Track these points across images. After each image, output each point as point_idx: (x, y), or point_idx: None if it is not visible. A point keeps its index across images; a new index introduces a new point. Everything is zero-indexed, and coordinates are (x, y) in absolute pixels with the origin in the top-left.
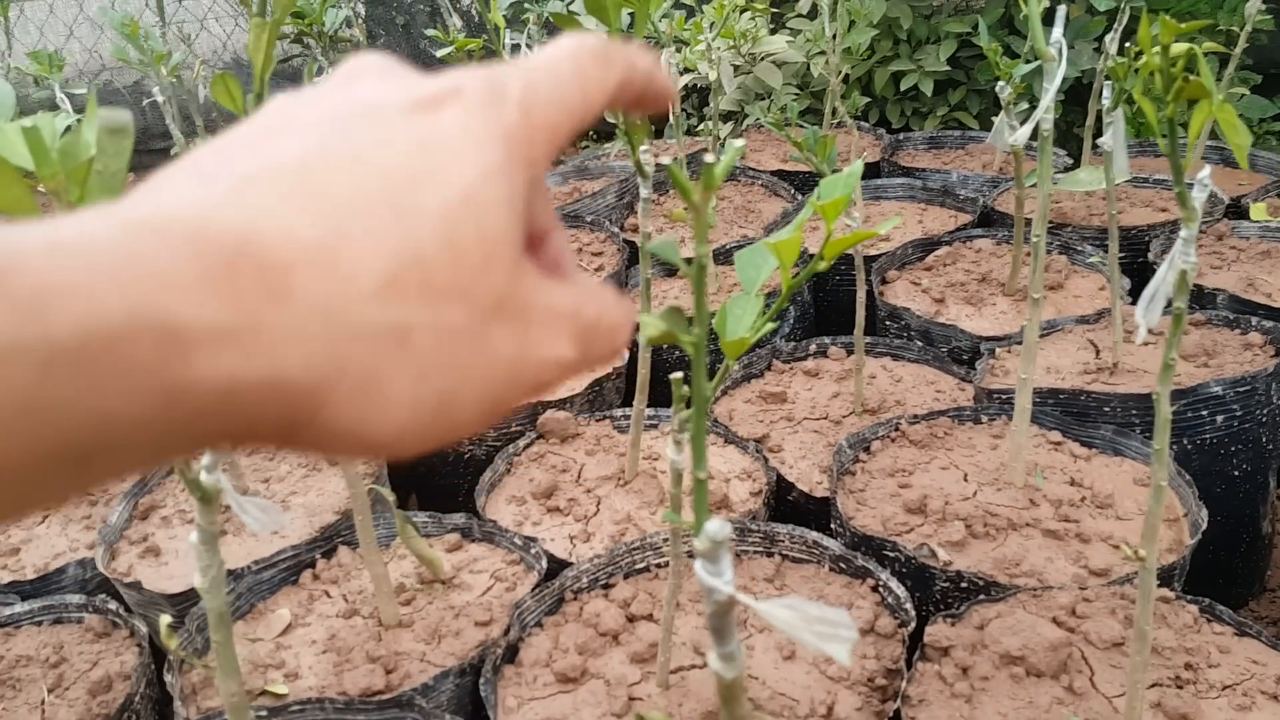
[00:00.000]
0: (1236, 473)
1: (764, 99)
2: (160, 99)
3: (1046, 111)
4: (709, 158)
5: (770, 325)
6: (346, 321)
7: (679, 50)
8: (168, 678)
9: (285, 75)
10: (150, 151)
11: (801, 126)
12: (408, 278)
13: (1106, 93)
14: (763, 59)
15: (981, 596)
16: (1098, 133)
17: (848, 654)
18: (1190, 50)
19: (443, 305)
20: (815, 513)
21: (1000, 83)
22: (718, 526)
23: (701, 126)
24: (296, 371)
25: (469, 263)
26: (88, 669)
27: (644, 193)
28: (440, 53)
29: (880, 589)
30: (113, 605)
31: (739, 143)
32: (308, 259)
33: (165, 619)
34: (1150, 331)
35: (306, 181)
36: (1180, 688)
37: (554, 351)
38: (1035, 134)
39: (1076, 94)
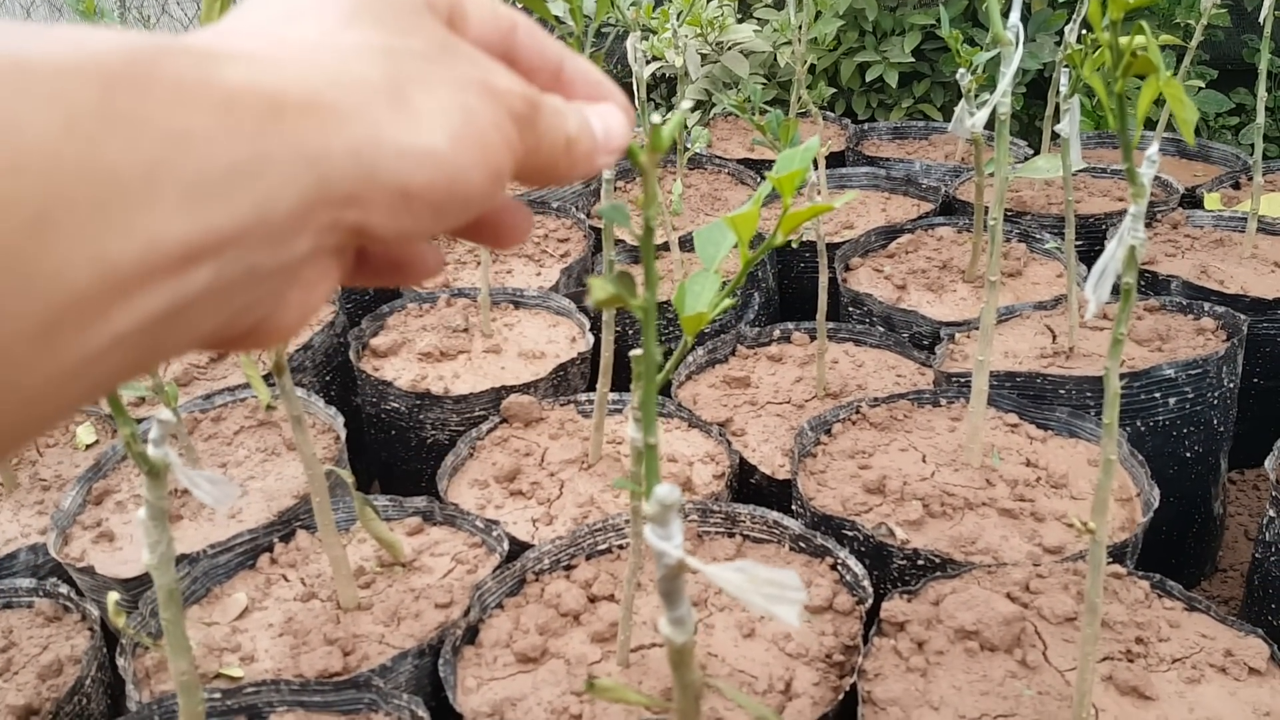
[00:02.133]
0: (1189, 454)
1: (732, 88)
2: None
3: (1004, 96)
4: (666, 130)
5: (728, 301)
6: (329, 45)
7: (646, 38)
8: (120, 661)
9: None
10: None
11: (765, 110)
12: (362, 15)
13: (1064, 81)
14: (730, 48)
15: (938, 574)
16: (1057, 122)
17: (796, 616)
18: (1139, 27)
19: (402, 35)
20: (778, 495)
21: (961, 71)
22: (667, 490)
23: (669, 117)
24: (328, 90)
25: (404, 9)
26: (37, 653)
27: (605, 174)
28: None
29: (839, 567)
30: (64, 589)
31: (686, 104)
32: (280, 13)
33: (113, 596)
34: (1101, 310)
35: None
36: (1131, 661)
37: (508, 80)
38: (995, 121)
39: (1038, 87)
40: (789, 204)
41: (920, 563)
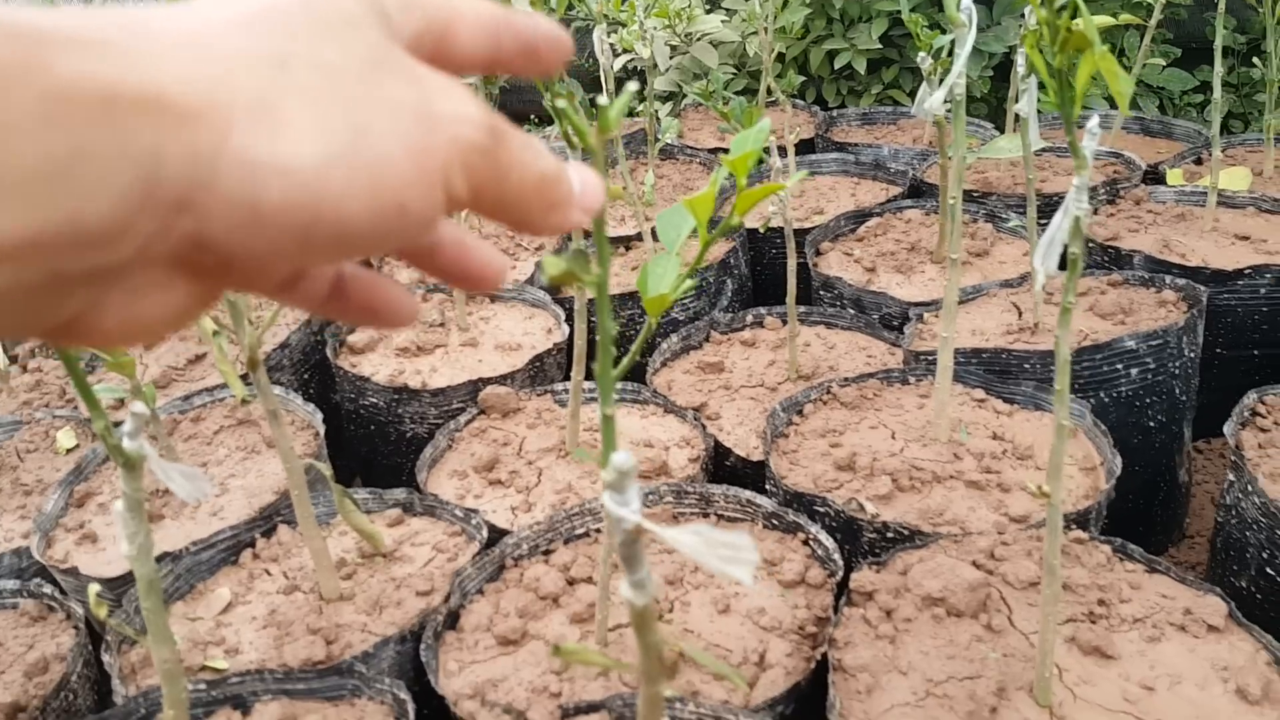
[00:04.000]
0: (1152, 424)
1: (702, 78)
2: None
3: (959, 77)
4: (613, 110)
5: (689, 282)
6: (213, 45)
7: (614, 31)
8: (106, 658)
9: None
10: None
11: (728, 99)
12: (267, 18)
13: (1021, 62)
14: (699, 38)
15: (906, 545)
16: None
17: (750, 575)
18: (1073, 3)
19: (313, 44)
20: (752, 476)
21: (922, 55)
22: (623, 458)
23: (640, 108)
24: (175, 86)
25: (328, 18)
26: (23, 652)
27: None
28: None
29: (810, 542)
30: (48, 589)
31: (632, 86)
32: (163, 11)
33: (94, 588)
34: (1050, 280)
35: None
36: (1093, 622)
37: (461, 106)
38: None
39: (1005, 70)
40: (744, 184)
41: (890, 535)
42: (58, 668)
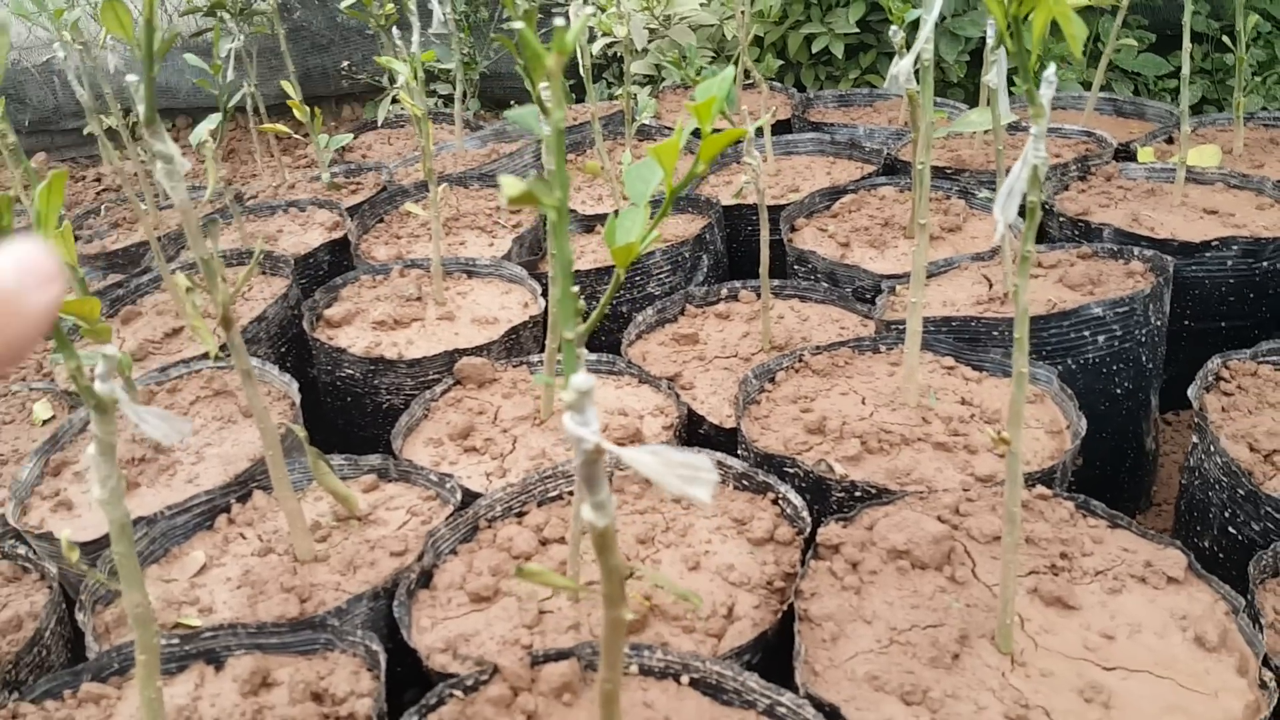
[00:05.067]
0: (1119, 391)
1: (680, 64)
2: (71, 74)
3: (927, 41)
4: (569, 34)
5: (656, 234)
6: None
7: (595, 15)
8: (80, 617)
9: (199, 49)
10: (63, 131)
11: (701, 68)
12: None
13: (990, 33)
14: (677, 21)
15: (873, 502)
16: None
17: (709, 494)
18: None
19: None
20: (725, 444)
21: (894, 28)
22: (583, 378)
23: (620, 91)
24: None
25: None
26: None
27: (545, 129)
28: (344, 4)
29: (780, 501)
30: (21, 550)
31: (587, 10)
32: None
33: (66, 532)
34: (1010, 227)
35: None
36: (1055, 574)
37: None
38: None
39: (981, 55)
40: (708, 130)
41: (858, 494)
42: (30, 624)
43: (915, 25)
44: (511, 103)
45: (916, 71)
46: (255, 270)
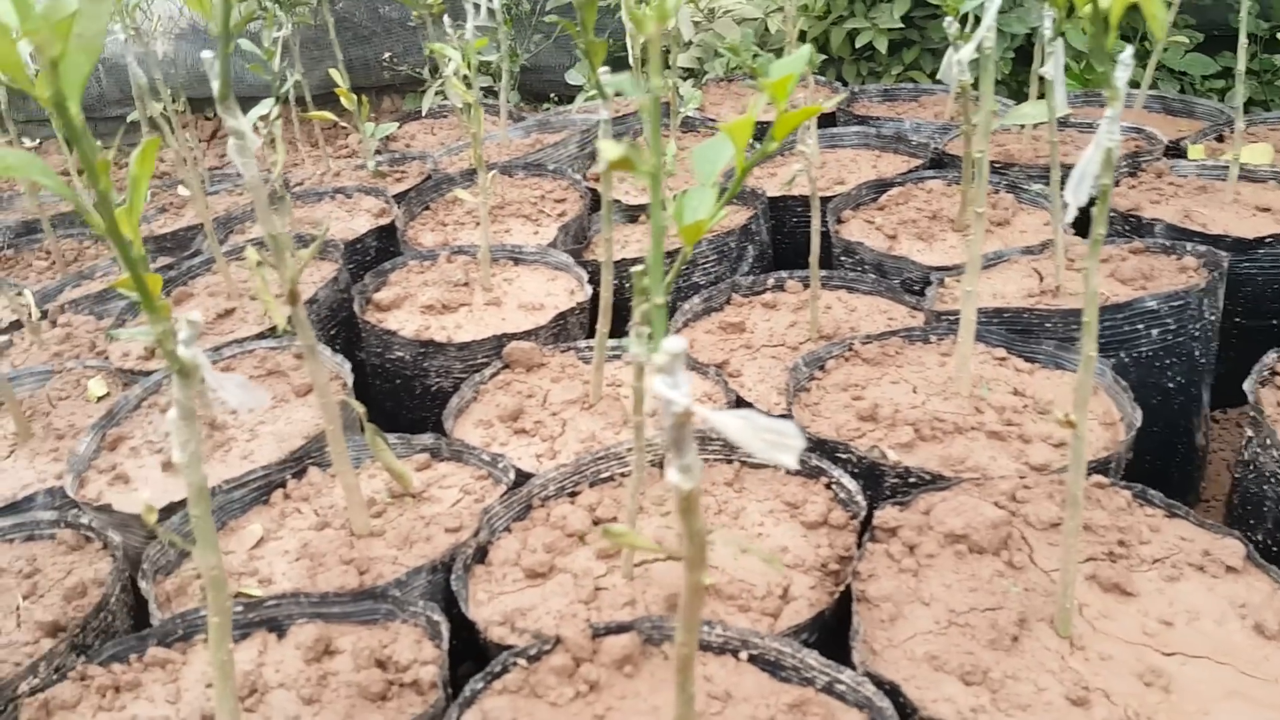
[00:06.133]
0: (1171, 385)
1: (723, 56)
2: (132, 61)
3: (990, 30)
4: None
5: (724, 211)
6: None
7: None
8: (143, 584)
9: (245, 36)
10: (106, 119)
11: (757, 53)
12: None
13: (1048, 25)
14: (722, 15)
15: (928, 487)
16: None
17: (794, 460)
18: None
19: None
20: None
21: (949, 19)
22: (675, 341)
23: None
24: None
25: None
26: (62, 577)
27: (604, 114)
28: None
29: (833, 485)
30: (85, 519)
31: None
32: None
33: (144, 496)
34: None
35: None
36: (1113, 561)
37: None
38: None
39: (1026, 53)
40: (783, 108)
41: (911, 480)
42: (96, 591)
43: (963, 20)
44: (552, 95)
45: (971, 63)
46: (317, 250)
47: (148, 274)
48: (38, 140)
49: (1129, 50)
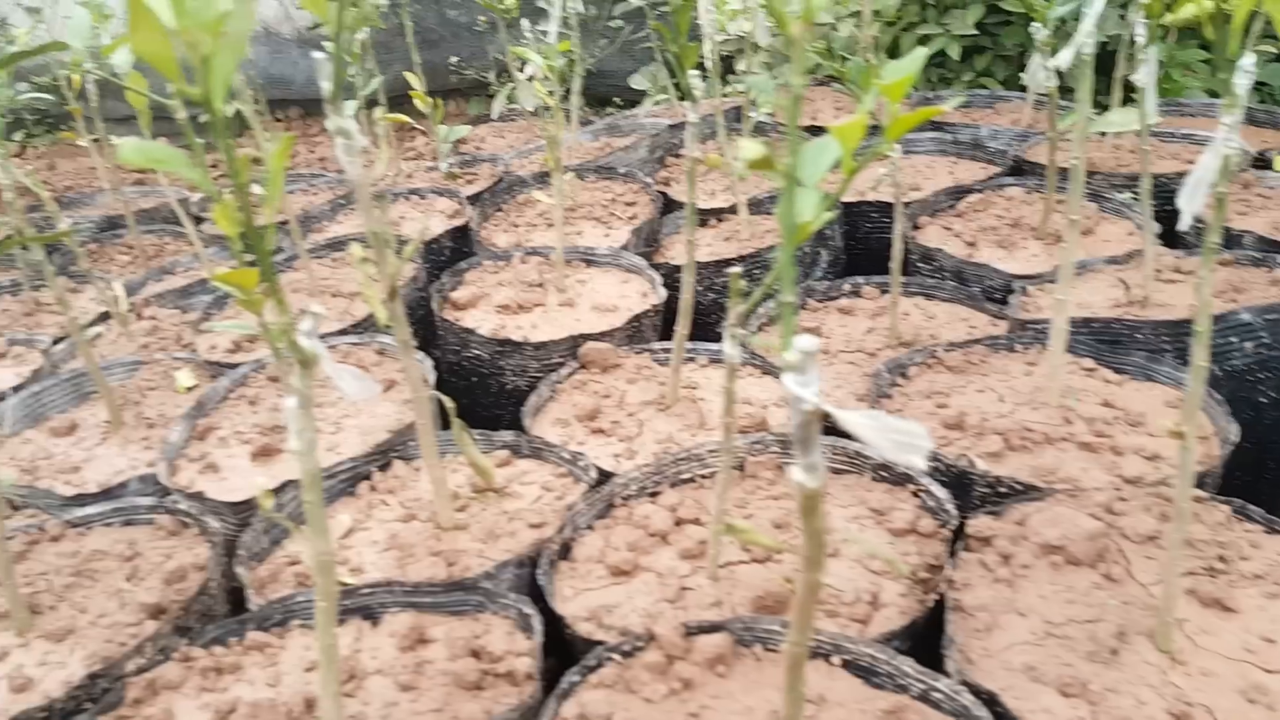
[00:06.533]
0: (1263, 399)
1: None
2: None
3: (1089, 36)
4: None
5: (829, 215)
6: None
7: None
8: (239, 570)
9: (313, 42)
10: (168, 119)
11: (845, 57)
12: None
13: (1140, 31)
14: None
15: (1021, 497)
16: (1127, 90)
17: (923, 461)
18: None
19: None
20: (850, 438)
21: (1035, 25)
22: (808, 340)
23: (729, 89)
24: None
25: None
26: (161, 561)
27: (692, 117)
28: None
29: (921, 494)
30: (183, 505)
31: None
32: None
33: (260, 481)
34: (1194, 219)
35: None
36: (1213, 577)
37: None
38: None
39: (1101, 61)
40: (896, 109)
41: (1002, 490)
42: (196, 576)
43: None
44: (616, 99)
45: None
46: (416, 248)
47: (242, 269)
48: (125, 138)
49: (1251, 57)
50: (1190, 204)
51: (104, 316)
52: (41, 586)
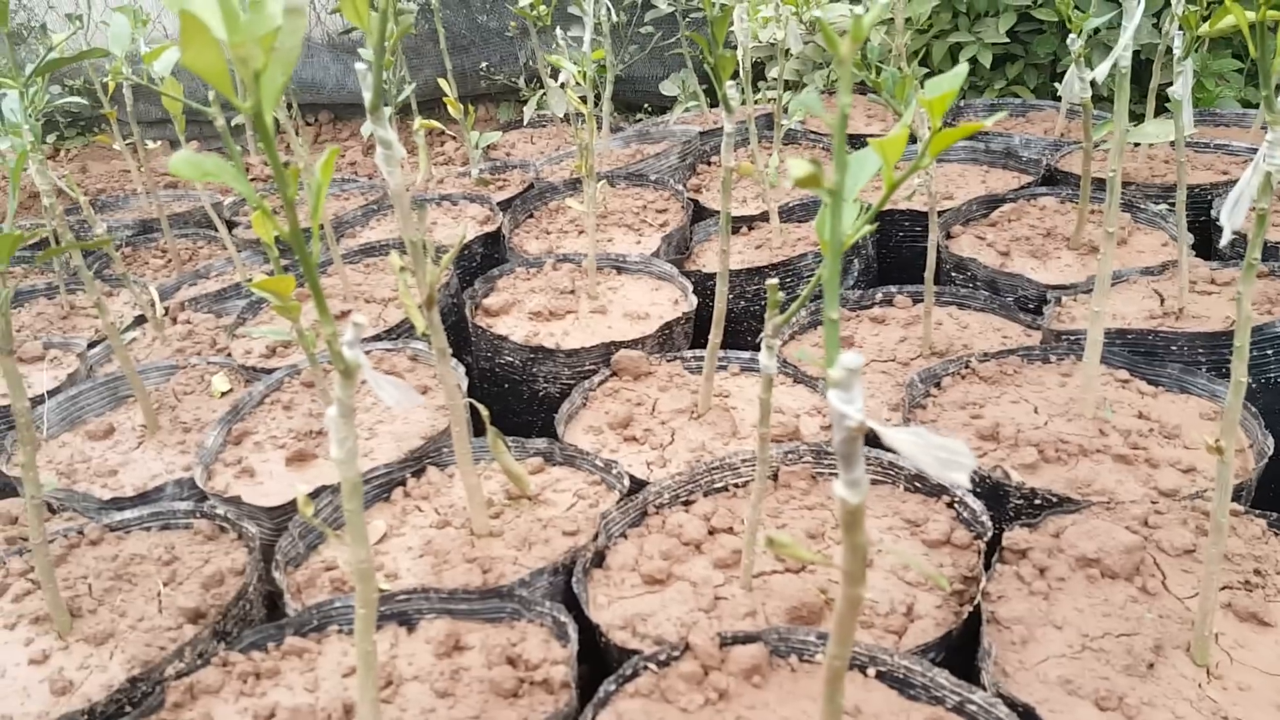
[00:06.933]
0: None
1: (823, 68)
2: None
3: (1126, 49)
4: (867, 18)
5: (869, 227)
6: None
7: (756, 12)
8: (276, 575)
9: (346, 48)
10: (199, 121)
11: (880, 68)
12: None
13: (1177, 43)
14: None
15: (1057, 509)
16: (1161, 100)
17: (965, 478)
18: None
19: None
20: (882, 448)
21: (1071, 36)
22: (852, 356)
23: (759, 96)
24: None
25: None
26: (200, 565)
27: (728, 127)
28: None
29: (956, 505)
30: (220, 510)
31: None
32: None
33: (301, 487)
34: (1234, 233)
35: None
36: (1250, 591)
37: None
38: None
39: (1134, 72)
40: (938, 125)
41: (1037, 502)
42: (234, 580)
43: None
44: (645, 106)
45: (1091, 80)
46: (454, 257)
47: (280, 276)
48: (158, 141)
49: None
50: (1231, 220)
51: (139, 320)
52: (81, 590)
